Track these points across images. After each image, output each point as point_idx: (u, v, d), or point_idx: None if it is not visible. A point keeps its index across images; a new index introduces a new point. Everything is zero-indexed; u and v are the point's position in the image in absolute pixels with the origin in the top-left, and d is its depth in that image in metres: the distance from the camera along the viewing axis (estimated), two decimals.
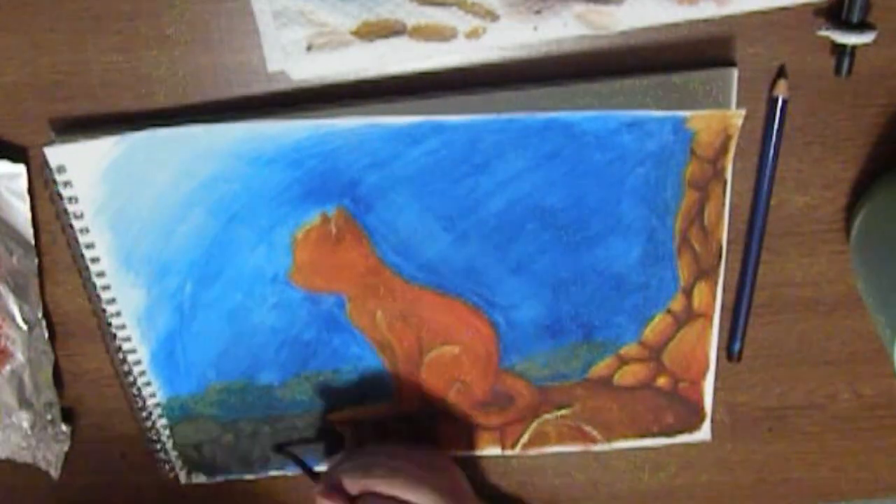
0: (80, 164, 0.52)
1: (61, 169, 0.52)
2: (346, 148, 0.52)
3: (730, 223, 0.56)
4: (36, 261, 0.56)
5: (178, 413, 0.60)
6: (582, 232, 0.55)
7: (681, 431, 0.62)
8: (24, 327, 0.56)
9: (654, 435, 0.63)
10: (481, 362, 0.59)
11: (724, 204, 0.55)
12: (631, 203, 0.54)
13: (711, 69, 0.51)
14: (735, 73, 0.51)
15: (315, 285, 0.57)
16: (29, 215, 0.55)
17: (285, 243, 0.55)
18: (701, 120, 0.52)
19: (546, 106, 0.51)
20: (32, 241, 0.56)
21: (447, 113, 0.51)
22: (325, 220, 0.54)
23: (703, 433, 0.63)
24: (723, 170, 0.53)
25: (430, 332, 0.58)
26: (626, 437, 0.63)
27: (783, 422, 0.63)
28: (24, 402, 0.58)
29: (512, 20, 0.49)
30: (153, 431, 0.61)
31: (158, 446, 0.62)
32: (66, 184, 0.52)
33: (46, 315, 0.58)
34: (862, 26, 0.50)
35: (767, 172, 0.55)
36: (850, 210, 0.57)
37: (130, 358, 0.58)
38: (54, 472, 0.61)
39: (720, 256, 0.56)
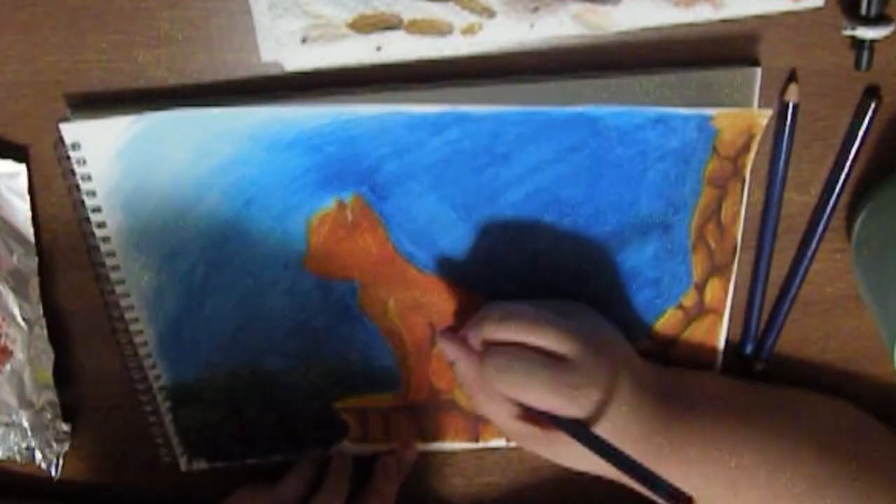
0: (96, 142, 0.51)
1: (76, 146, 0.51)
2: (367, 135, 0.52)
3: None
4: (36, 260, 0.56)
5: (183, 397, 0.60)
6: (598, 226, 0.55)
7: None
8: (25, 326, 0.56)
9: None
10: None
11: (741, 202, 0.55)
12: (649, 198, 0.54)
13: (735, 67, 0.51)
14: (759, 72, 0.51)
15: (328, 272, 0.56)
16: (29, 214, 0.54)
17: (300, 229, 0.55)
18: (726, 118, 0.52)
19: (567, 98, 0.51)
20: (33, 240, 0.55)
21: (467, 102, 0.51)
22: (341, 206, 0.54)
23: None
24: (742, 168, 0.54)
25: (441, 322, 0.58)
26: None
27: None
28: (24, 402, 0.58)
29: (509, 17, 0.49)
30: (156, 416, 0.61)
31: (160, 430, 0.62)
32: (80, 161, 0.51)
33: (46, 314, 0.57)
34: (880, 19, 0.50)
35: (779, 175, 0.55)
36: (850, 210, 0.57)
37: (137, 340, 0.57)
38: (54, 472, 0.61)
39: (734, 254, 0.57)
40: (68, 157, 0.52)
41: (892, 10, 0.51)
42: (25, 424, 0.58)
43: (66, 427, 0.61)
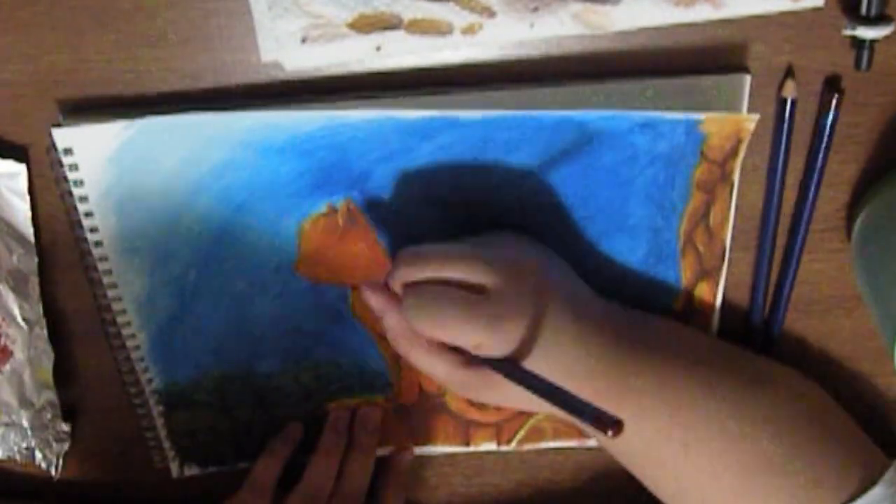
0: (88, 147, 0.51)
1: (68, 151, 0.51)
2: (358, 140, 0.52)
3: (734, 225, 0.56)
4: (36, 259, 0.56)
5: (175, 400, 0.60)
6: (587, 230, 0.55)
7: None
8: (24, 326, 0.56)
9: None
10: None
11: (729, 206, 0.55)
12: (638, 202, 0.54)
13: (724, 74, 0.51)
14: (748, 78, 0.51)
15: (319, 276, 0.56)
16: (29, 214, 0.55)
17: (291, 233, 0.55)
18: (714, 123, 0.51)
19: (556, 105, 0.51)
20: (33, 240, 0.55)
21: (456, 109, 0.51)
22: (333, 211, 0.54)
23: None
24: (731, 172, 0.54)
25: None
26: None
27: None
28: (24, 402, 0.58)
29: (509, 17, 0.49)
30: (148, 420, 0.61)
31: (153, 435, 0.62)
32: (73, 166, 0.52)
33: (46, 314, 0.57)
34: (880, 19, 0.50)
35: (778, 173, 0.55)
36: (850, 209, 0.57)
37: (129, 344, 0.58)
38: (54, 472, 0.61)
39: (723, 258, 0.57)
40: (61, 163, 0.52)
41: (892, 10, 0.50)
42: (25, 424, 0.59)
43: (66, 427, 0.61)
